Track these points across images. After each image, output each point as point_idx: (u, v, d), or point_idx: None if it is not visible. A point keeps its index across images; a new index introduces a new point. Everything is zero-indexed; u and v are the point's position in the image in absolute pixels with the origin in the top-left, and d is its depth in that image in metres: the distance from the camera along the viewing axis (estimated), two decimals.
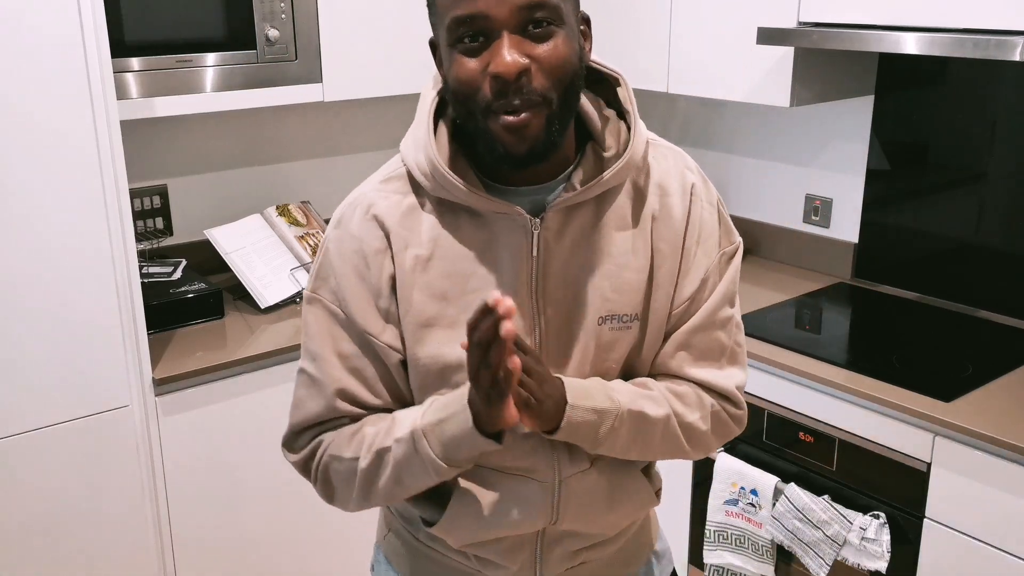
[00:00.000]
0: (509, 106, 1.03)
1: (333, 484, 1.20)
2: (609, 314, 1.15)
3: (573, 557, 1.26)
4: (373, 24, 2.54)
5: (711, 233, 1.20)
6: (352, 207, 1.17)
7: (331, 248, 1.17)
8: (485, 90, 1.03)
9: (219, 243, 2.53)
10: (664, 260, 1.17)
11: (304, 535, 2.45)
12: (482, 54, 1.03)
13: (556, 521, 1.20)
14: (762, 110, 2.88)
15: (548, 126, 1.05)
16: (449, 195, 1.11)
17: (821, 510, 2.11)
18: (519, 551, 1.23)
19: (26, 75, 1.83)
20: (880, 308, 2.53)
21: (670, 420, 1.17)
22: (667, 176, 1.18)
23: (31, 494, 2.01)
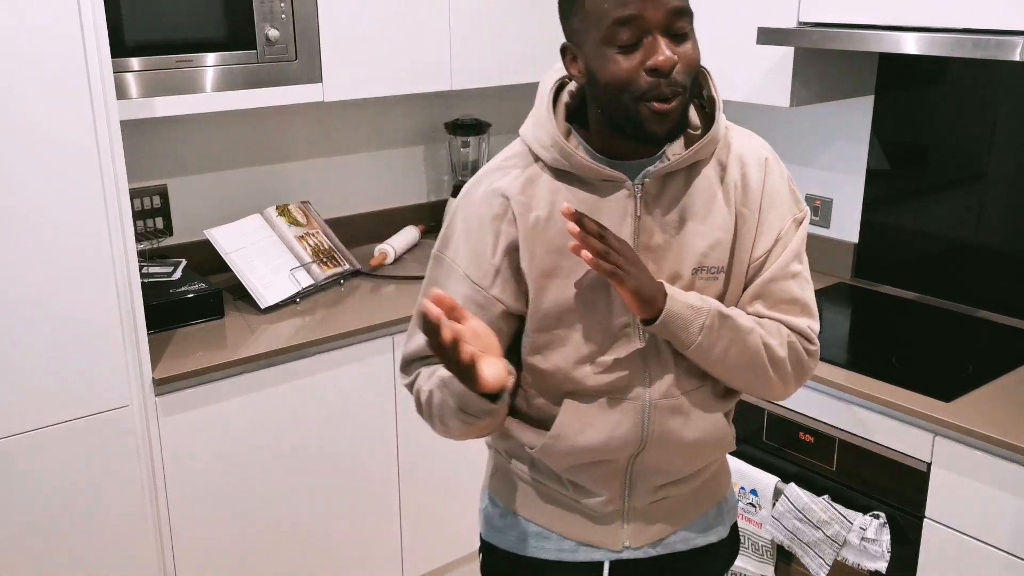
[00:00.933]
0: (661, 95, 1.23)
1: (423, 410, 1.43)
2: (700, 266, 1.35)
3: (656, 492, 1.45)
4: (373, 24, 2.54)
5: (783, 200, 1.39)
6: (476, 182, 1.40)
7: (457, 214, 1.41)
8: (640, 82, 1.23)
9: (219, 243, 2.53)
10: (745, 221, 1.37)
11: (304, 535, 2.45)
12: (634, 53, 1.23)
13: (644, 446, 1.38)
14: (762, 110, 2.88)
15: (683, 111, 1.27)
16: (566, 164, 1.33)
17: (821, 510, 2.11)
18: (611, 481, 1.42)
19: (26, 75, 1.83)
20: (880, 308, 2.54)
21: (755, 333, 1.34)
22: (745, 152, 1.38)
23: (31, 494, 2.01)
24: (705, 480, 1.50)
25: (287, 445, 2.36)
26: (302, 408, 2.36)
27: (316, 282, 2.60)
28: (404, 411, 2.55)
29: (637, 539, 1.47)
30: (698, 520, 1.52)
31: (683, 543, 1.51)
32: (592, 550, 1.48)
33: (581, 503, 1.46)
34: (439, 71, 2.71)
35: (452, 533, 2.76)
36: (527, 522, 1.51)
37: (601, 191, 1.34)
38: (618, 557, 1.48)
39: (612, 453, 1.39)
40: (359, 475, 2.51)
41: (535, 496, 1.49)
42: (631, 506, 1.45)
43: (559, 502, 1.48)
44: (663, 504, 1.47)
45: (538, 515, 1.50)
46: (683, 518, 1.50)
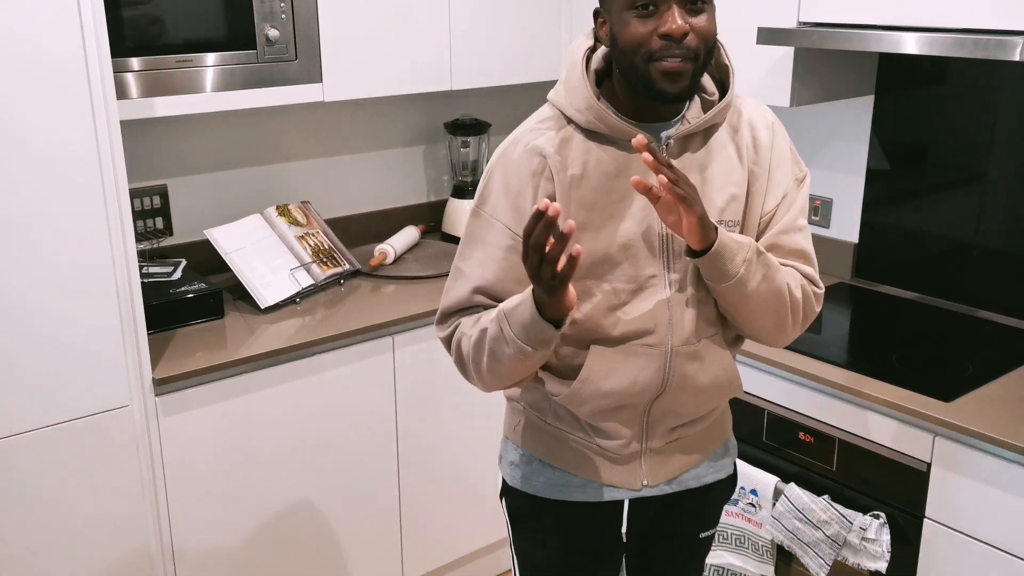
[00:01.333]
0: (671, 55, 1.35)
1: (462, 357, 1.50)
2: (720, 220, 1.47)
3: (671, 433, 1.59)
4: (373, 24, 2.54)
5: (787, 159, 1.54)
6: (514, 143, 1.50)
7: (495, 173, 1.50)
8: (651, 44, 1.36)
9: (219, 243, 2.53)
10: (756, 179, 1.51)
11: (304, 535, 2.45)
12: (651, 18, 1.35)
13: (664, 390, 1.51)
14: None
15: (693, 76, 1.39)
16: (599, 125, 1.45)
17: (821, 510, 2.11)
18: (631, 424, 1.55)
19: (26, 75, 1.83)
20: (880, 308, 2.54)
21: (782, 272, 1.47)
22: (754, 116, 1.53)
23: (31, 494, 2.01)
24: (713, 422, 1.65)
25: (287, 445, 2.36)
26: (302, 408, 2.36)
27: (316, 282, 2.60)
28: (404, 411, 2.55)
29: (654, 477, 1.61)
30: (707, 459, 1.66)
31: (695, 480, 1.65)
32: (613, 490, 1.61)
33: (602, 447, 1.58)
34: (439, 71, 2.71)
35: (452, 533, 2.76)
36: (552, 468, 1.62)
37: (631, 150, 1.45)
38: (637, 495, 1.61)
39: (634, 397, 1.51)
40: (359, 475, 2.51)
41: (558, 443, 1.61)
42: (648, 447, 1.59)
43: (581, 447, 1.59)
44: (677, 444, 1.61)
45: (561, 460, 1.61)
46: (695, 457, 1.64)
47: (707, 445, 1.65)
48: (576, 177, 1.46)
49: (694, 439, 1.63)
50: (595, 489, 1.61)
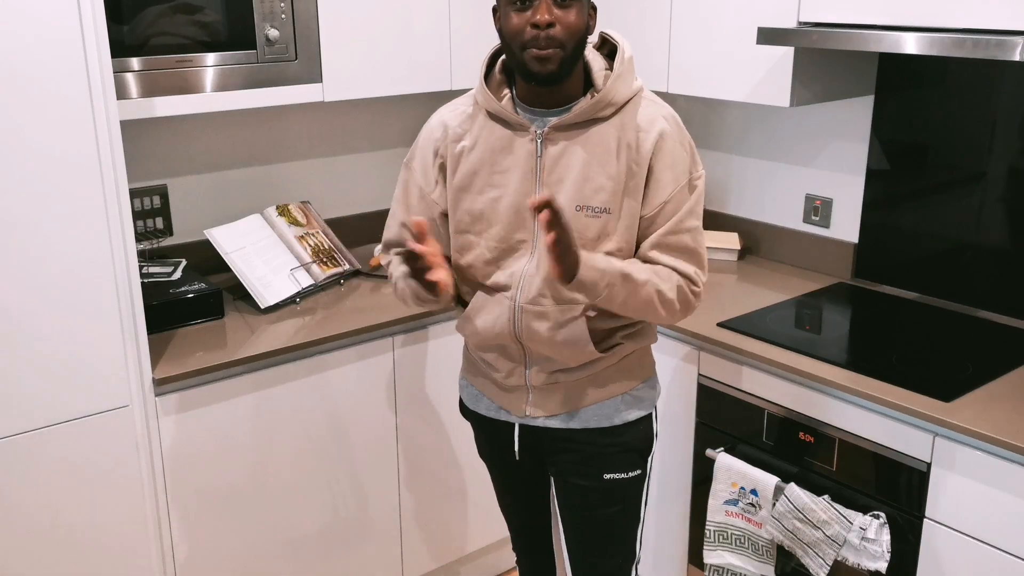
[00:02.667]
0: (538, 43, 1.62)
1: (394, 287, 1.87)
2: (584, 204, 1.71)
3: (550, 376, 1.84)
4: (373, 24, 2.54)
5: (679, 162, 1.73)
6: (437, 113, 1.85)
7: (422, 134, 1.86)
8: (524, 34, 1.63)
9: (219, 243, 2.53)
10: (632, 176, 1.71)
11: (304, 535, 2.45)
12: (526, 12, 1.63)
13: (519, 337, 1.77)
14: (762, 110, 2.88)
15: (561, 62, 1.64)
16: (491, 108, 1.75)
17: (821, 510, 2.11)
18: (508, 361, 1.85)
19: (26, 75, 1.83)
20: (880, 308, 2.53)
21: (649, 284, 1.69)
22: (646, 120, 1.72)
23: (31, 494, 2.01)
24: (594, 375, 1.84)
25: (287, 445, 2.36)
26: (302, 408, 2.36)
27: (316, 282, 2.60)
28: (404, 411, 2.55)
29: (536, 410, 1.88)
30: (595, 406, 1.86)
31: (575, 421, 1.87)
32: (506, 413, 1.92)
33: (492, 375, 1.90)
34: (439, 71, 2.71)
35: (452, 533, 2.76)
36: (470, 384, 1.99)
37: (515, 130, 1.74)
38: (524, 422, 1.90)
39: (497, 338, 1.79)
40: (359, 475, 2.51)
41: (473, 366, 1.96)
42: (531, 384, 1.85)
43: (484, 373, 1.92)
44: (556, 386, 1.85)
45: (475, 381, 1.97)
46: (578, 400, 1.86)
47: (596, 391, 1.85)
48: (467, 148, 1.77)
49: (575, 385, 1.84)
50: (492, 408, 1.94)
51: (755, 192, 2.96)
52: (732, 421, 2.35)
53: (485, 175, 1.76)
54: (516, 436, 1.93)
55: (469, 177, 1.77)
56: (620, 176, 1.70)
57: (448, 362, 2.59)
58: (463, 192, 1.78)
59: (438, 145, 1.81)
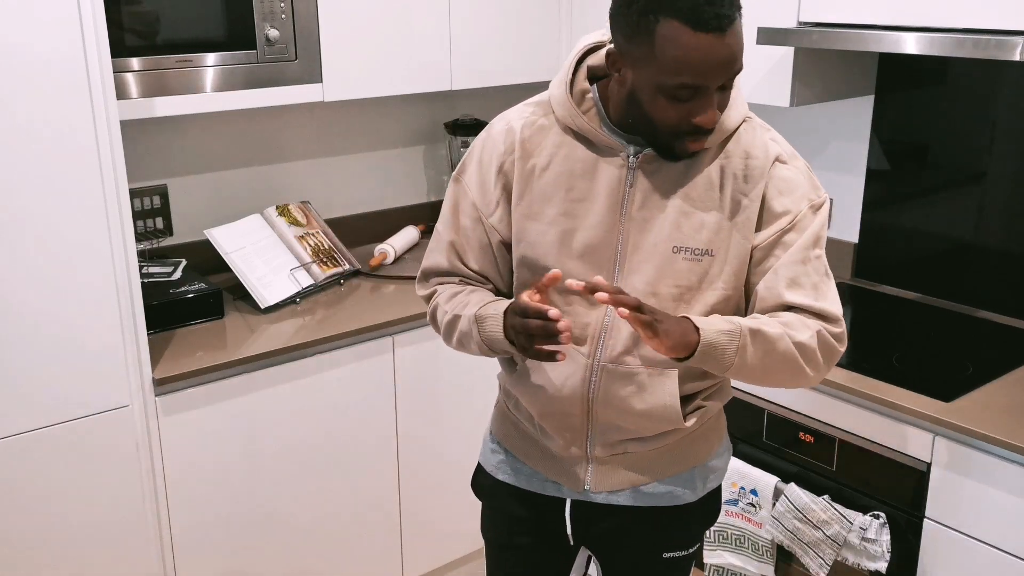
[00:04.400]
0: (698, 137, 1.36)
1: (436, 323, 1.58)
2: (682, 245, 1.41)
3: (617, 445, 1.53)
4: (373, 24, 2.54)
5: (795, 188, 1.43)
6: (500, 118, 1.53)
7: (477, 145, 1.54)
8: (682, 127, 1.34)
9: (219, 243, 2.53)
10: (741, 211, 1.42)
11: (304, 535, 2.45)
12: (688, 102, 1.32)
13: (591, 402, 1.47)
14: (762, 110, 2.88)
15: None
16: (574, 124, 1.44)
17: (821, 510, 2.11)
18: (570, 429, 1.52)
19: (26, 75, 1.83)
20: (880, 308, 2.53)
21: (784, 338, 1.37)
22: (753, 146, 1.44)
23: (31, 494, 2.01)
24: (671, 444, 1.55)
25: (287, 445, 2.36)
26: (302, 408, 2.36)
27: (316, 282, 2.60)
28: (404, 411, 2.55)
29: (597, 484, 1.56)
30: (664, 480, 1.57)
31: (644, 499, 1.58)
32: (557, 487, 1.60)
33: (544, 443, 1.59)
34: (439, 71, 2.71)
35: (452, 533, 2.76)
36: (507, 452, 1.65)
37: (601, 153, 1.44)
38: (579, 498, 1.59)
39: (563, 402, 1.49)
40: (359, 475, 2.51)
41: (516, 430, 1.63)
42: (593, 454, 1.54)
43: (532, 439, 1.60)
44: (624, 458, 1.55)
45: (516, 447, 1.64)
46: (646, 475, 1.56)
47: (663, 467, 1.56)
48: (539, 167, 1.46)
49: (645, 457, 1.55)
50: (540, 481, 1.62)
51: None
52: (732, 421, 2.34)
53: (560, 203, 1.44)
54: (567, 514, 1.62)
55: (540, 204, 1.46)
56: (725, 211, 1.41)
57: (449, 362, 2.59)
58: (530, 221, 1.46)
59: (504, 159, 1.48)
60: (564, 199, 1.45)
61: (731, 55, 1.30)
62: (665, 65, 1.28)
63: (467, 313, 1.48)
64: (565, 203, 1.44)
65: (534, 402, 1.53)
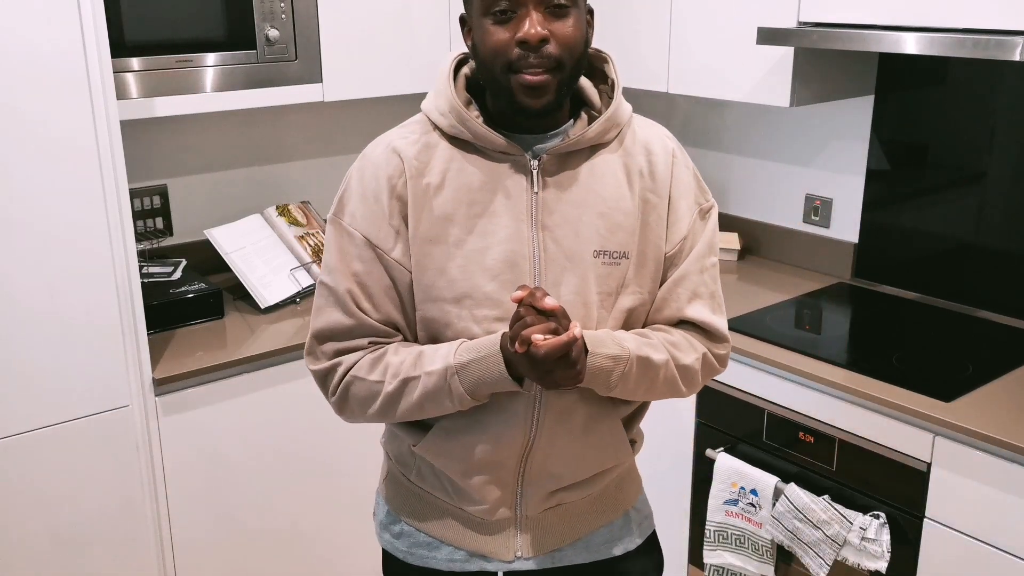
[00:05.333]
0: (529, 67, 1.24)
1: (350, 401, 1.35)
2: (603, 249, 1.33)
3: (550, 498, 1.41)
4: (373, 24, 2.54)
5: (689, 190, 1.39)
6: (375, 144, 1.36)
7: (353, 176, 1.36)
8: (510, 53, 1.24)
9: (219, 243, 2.53)
10: (653, 209, 1.36)
11: (303, 535, 2.45)
12: (509, 24, 1.24)
13: (533, 442, 1.34)
14: (762, 110, 2.88)
15: (559, 87, 1.27)
16: (463, 131, 1.31)
17: (821, 510, 2.11)
18: (501, 485, 1.38)
19: (26, 75, 1.83)
20: (880, 308, 2.53)
21: (669, 364, 1.34)
22: (651, 141, 1.39)
23: (31, 494, 2.01)
24: (605, 488, 1.46)
25: (287, 445, 2.36)
26: (302, 408, 2.36)
27: (316, 282, 2.60)
28: None
29: (531, 549, 1.43)
30: (599, 531, 1.47)
31: (582, 555, 1.46)
32: (484, 561, 1.44)
33: (467, 511, 1.41)
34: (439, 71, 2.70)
35: None
36: (417, 531, 1.46)
37: (498, 161, 1.32)
38: (511, 568, 1.44)
39: (500, 451, 1.34)
40: (359, 475, 2.51)
41: (421, 504, 1.45)
42: (524, 514, 1.41)
43: (447, 511, 1.43)
44: (557, 512, 1.43)
45: (427, 524, 1.45)
46: (581, 528, 1.45)
47: (598, 516, 1.46)
48: (432, 186, 1.30)
49: (580, 507, 1.44)
50: (463, 559, 1.44)
51: (755, 192, 2.96)
52: (732, 421, 2.35)
53: (462, 221, 1.30)
54: None
55: (441, 225, 1.30)
56: (635, 211, 1.34)
57: None
58: (433, 245, 1.30)
59: (395, 182, 1.31)
60: (466, 215, 1.30)
61: None
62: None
63: (431, 369, 1.28)
64: (468, 220, 1.30)
65: (460, 460, 1.36)
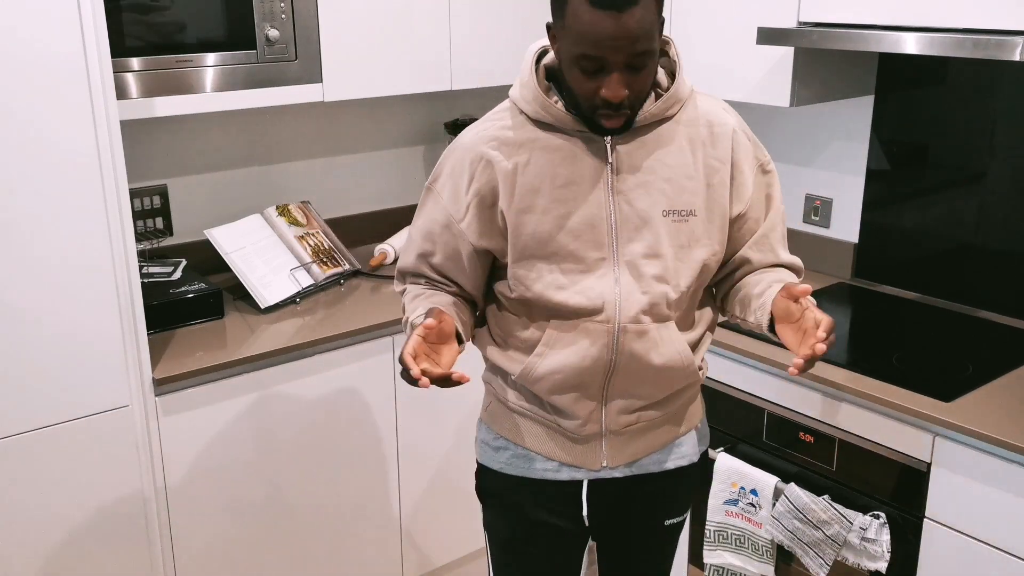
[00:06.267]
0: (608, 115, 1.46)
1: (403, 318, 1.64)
2: (671, 208, 1.54)
3: (630, 416, 1.62)
4: (373, 24, 2.54)
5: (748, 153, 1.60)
6: (468, 129, 1.61)
7: (448, 155, 1.62)
8: (594, 100, 1.44)
9: (219, 243, 2.53)
10: (715, 172, 1.56)
11: (304, 535, 2.45)
12: (594, 77, 1.42)
13: (614, 368, 1.56)
14: (762, 110, 2.88)
15: (630, 119, 1.50)
16: (547, 116, 1.52)
17: (821, 510, 2.11)
18: (587, 403, 1.60)
19: (26, 75, 1.83)
20: (880, 308, 2.53)
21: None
22: (711, 114, 1.58)
23: (31, 494, 2.01)
24: (677, 408, 1.68)
25: (287, 445, 2.36)
26: (302, 408, 2.36)
27: (316, 282, 2.60)
28: (404, 411, 2.55)
29: (614, 459, 1.65)
30: (670, 444, 1.70)
31: (656, 464, 1.69)
32: (574, 470, 1.66)
33: (561, 426, 1.63)
34: (439, 71, 2.71)
35: (452, 533, 2.76)
36: (515, 445, 1.68)
37: (577, 140, 1.53)
38: (596, 476, 1.66)
39: (585, 374, 1.56)
40: (359, 475, 2.51)
41: (521, 421, 1.67)
42: (608, 429, 1.63)
43: (542, 426, 1.65)
44: (637, 428, 1.64)
45: (524, 439, 1.67)
46: (656, 441, 1.67)
47: (670, 431, 1.69)
48: (520, 164, 1.53)
49: (655, 423, 1.66)
50: (555, 467, 1.66)
51: None
52: (732, 421, 2.35)
53: (548, 191, 1.52)
54: (584, 496, 1.68)
55: (530, 196, 1.53)
56: (700, 175, 1.55)
57: None
58: (526, 214, 1.53)
59: (478, 166, 1.56)
60: (551, 187, 1.52)
61: (627, 34, 1.37)
62: (571, 37, 1.40)
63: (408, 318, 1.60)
64: (553, 191, 1.52)
65: (554, 381, 1.58)
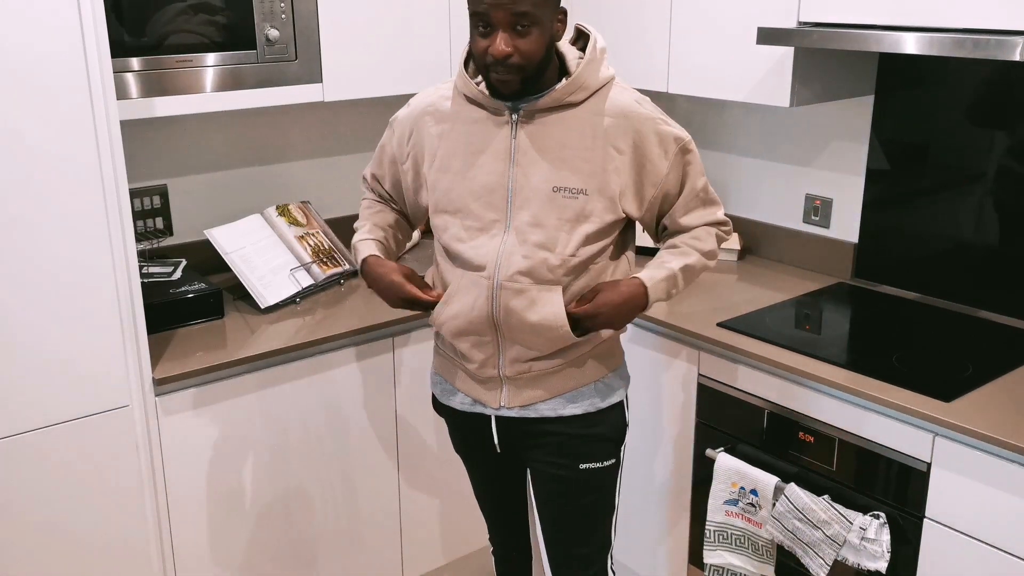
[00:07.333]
0: (497, 72, 1.70)
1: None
2: (561, 185, 1.77)
3: (523, 364, 1.86)
4: (373, 24, 2.54)
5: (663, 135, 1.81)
6: (421, 93, 1.94)
7: (406, 106, 1.95)
8: (486, 59, 1.70)
9: (219, 243, 2.53)
10: (611, 159, 1.78)
11: (304, 535, 2.45)
12: (485, 37, 1.69)
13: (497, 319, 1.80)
14: (762, 110, 2.88)
15: (522, 81, 1.72)
16: (468, 91, 1.82)
17: (821, 510, 2.11)
18: (483, 350, 1.86)
19: (26, 75, 1.83)
20: (880, 308, 2.53)
21: (700, 258, 1.88)
22: (621, 106, 1.80)
23: (31, 494, 2.01)
24: (573, 360, 1.88)
25: (287, 445, 2.36)
26: (302, 408, 2.36)
27: (316, 282, 2.60)
28: (404, 411, 2.55)
29: (510, 400, 1.90)
30: (567, 393, 1.90)
31: (550, 410, 1.90)
32: (481, 406, 1.94)
33: (466, 368, 1.92)
34: (439, 71, 2.71)
35: (452, 533, 2.76)
36: (444, 380, 2.01)
37: (492, 115, 1.81)
38: (498, 414, 1.92)
39: (474, 323, 1.82)
40: (359, 475, 2.51)
41: (444, 360, 1.99)
42: (504, 374, 1.88)
43: (455, 366, 1.95)
44: (531, 376, 1.88)
45: (448, 375, 1.99)
46: (551, 389, 1.89)
47: (565, 381, 1.89)
48: (446, 131, 1.84)
49: (549, 374, 1.88)
50: (470, 402, 1.95)
51: (755, 192, 2.96)
52: (732, 421, 2.35)
53: (463, 156, 1.81)
54: (494, 429, 1.96)
55: (448, 159, 1.83)
56: (596, 158, 1.76)
57: None
58: (442, 173, 1.84)
59: (415, 125, 1.89)
60: (465, 153, 1.81)
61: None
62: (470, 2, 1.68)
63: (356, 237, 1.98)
64: (466, 156, 1.81)
65: (452, 325, 1.84)
